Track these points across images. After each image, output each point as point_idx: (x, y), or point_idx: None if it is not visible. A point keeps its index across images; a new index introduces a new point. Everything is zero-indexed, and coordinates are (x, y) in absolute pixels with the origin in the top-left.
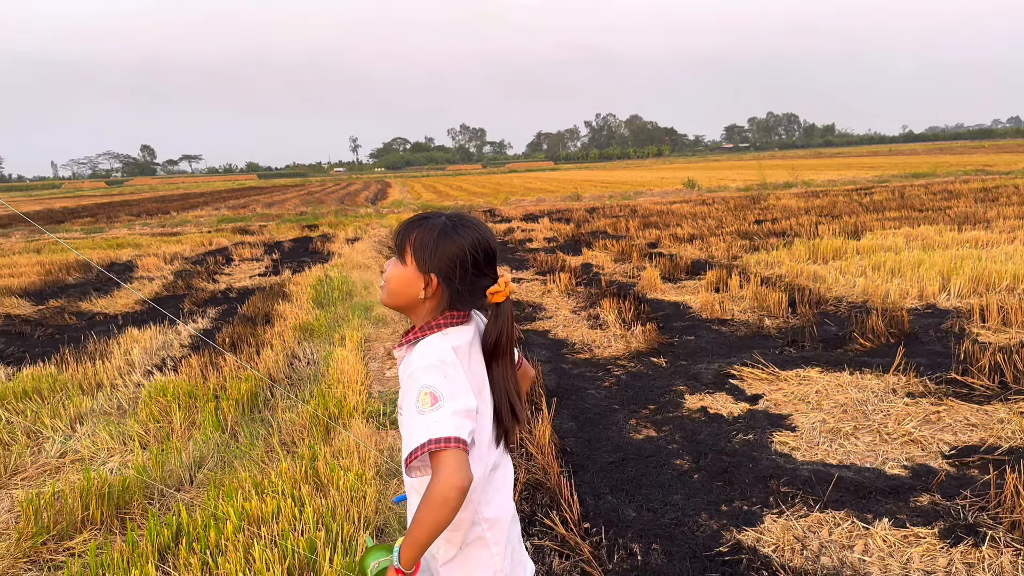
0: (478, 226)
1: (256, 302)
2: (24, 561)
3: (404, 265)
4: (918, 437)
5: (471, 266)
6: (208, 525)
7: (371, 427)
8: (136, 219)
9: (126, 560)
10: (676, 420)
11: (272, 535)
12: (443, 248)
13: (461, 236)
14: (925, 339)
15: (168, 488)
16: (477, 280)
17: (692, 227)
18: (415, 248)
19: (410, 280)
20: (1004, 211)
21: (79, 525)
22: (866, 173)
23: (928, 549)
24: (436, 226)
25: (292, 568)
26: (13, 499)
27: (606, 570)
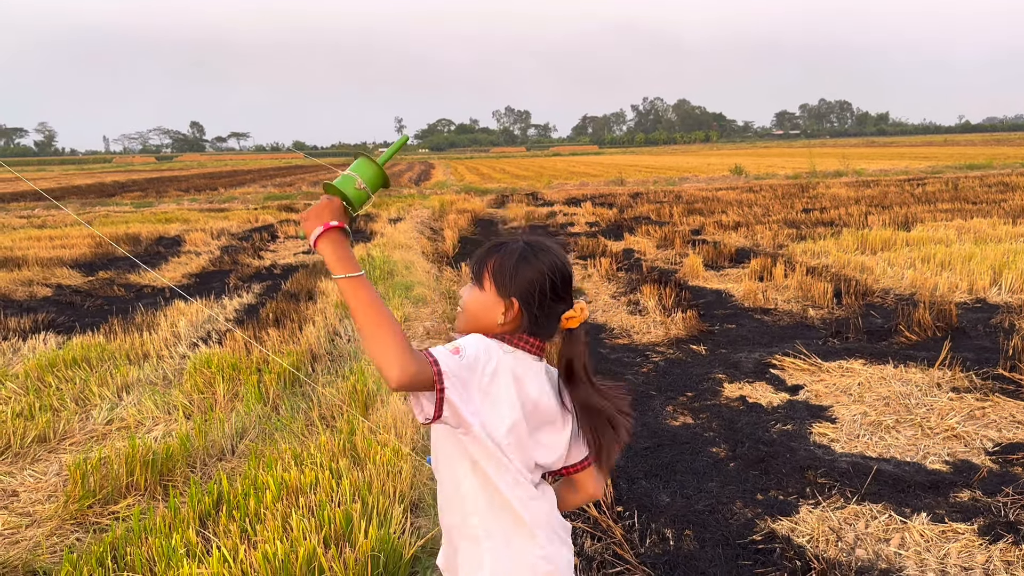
0: (555, 251)
1: (299, 279)
2: (71, 523)
3: (483, 290)
4: (961, 433)
5: (549, 291)
6: (248, 494)
7: (409, 405)
8: (184, 194)
9: (168, 525)
10: (714, 408)
11: (309, 505)
12: (523, 272)
13: (540, 261)
14: (973, 334)
15: (210, 457)
16: (554, 305)
17: (737, 214)
18: (494, 273)
19: (489, 305)
20: None
21: (123, 490)
22: (919, 163)
23: (966, 545)
24: (515, 251)
25: (328, 538)
26: (62, 463)
27: (637, 553)
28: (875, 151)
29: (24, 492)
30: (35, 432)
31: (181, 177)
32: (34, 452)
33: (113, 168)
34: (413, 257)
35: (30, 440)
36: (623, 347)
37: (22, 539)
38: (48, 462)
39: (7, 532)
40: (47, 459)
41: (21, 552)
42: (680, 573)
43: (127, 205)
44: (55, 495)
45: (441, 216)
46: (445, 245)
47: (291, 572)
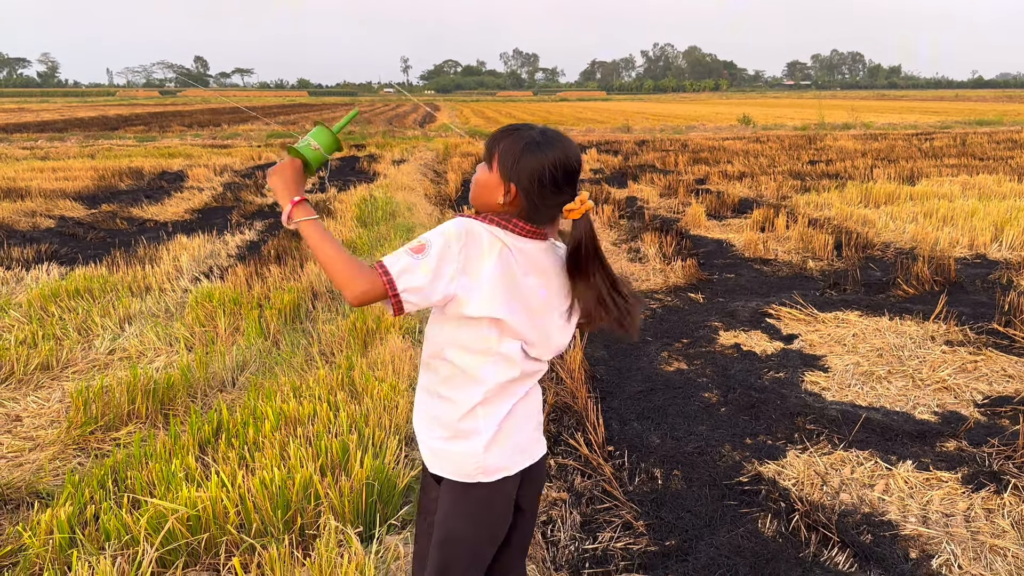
0: (565, 144)
1: None
2: (73, 448)
3: (490, 171)
4: (952, 385)
5: (549, 182)
6: (247, 423)
7: (407, 342)
8: (188, 130)
9: (168, 451)
10: (708, 355)
11: (307, 435)
12: (525, 161)
13: (544, 153)
14: (970, 289)
15: (211, 388)
16: (554, 196)
17: (743, 165)
18: (501, 156)
19: (492, 186)
20: None
21: (125, 418)
22: (929, 118)
23: (949, 493)
24: (523, 138)
25: (324, 466)
26: (64, 390)
27: (626, 491)
28: (885, 104)
29: (27, 417)
30: (38, 360)
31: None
32: (37, 379)
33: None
34: (415, 199)
35: (33, 367)
36: None
37: (25, 462)
38: (51, 389)
39: (10, 455)
40: (50, 386)
41: (24, 474)
42: (667, 511)
43: (130, 139)
44: (58, 421)
45: (445, 159)
46: (448, 188)
47: (288, 498)
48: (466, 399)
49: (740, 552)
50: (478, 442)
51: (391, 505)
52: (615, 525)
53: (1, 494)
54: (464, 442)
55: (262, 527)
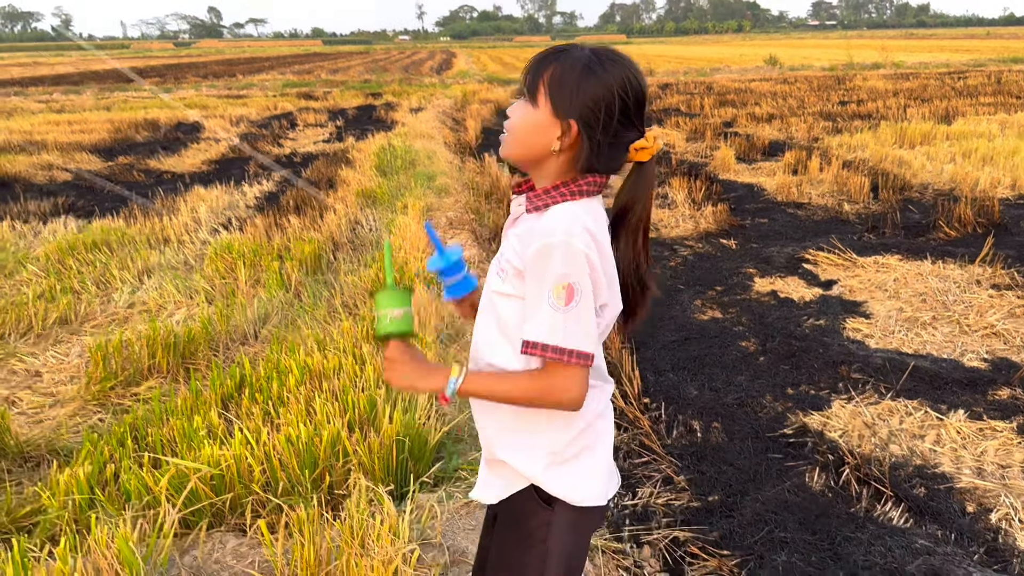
0: (629, 63)
1: (320, 167)
2: (93, 404)
3: (535, 107)
4: (1001, 330)
5: (618, 113)
6: (271, 377)
7: (431, 293)
8: (203, 80)
9: (190, 407)
10: (743, 303)
11: (333, 390)
12: (587, 88)
13: (610, 74)
14: (1016, 230)
15: (232, 342)
16: (622, 132)
17: (771, 106)
18: (552, 86)
19: (544, 126)
20: None
21: (145, 372)
22: (961, 56)
23: (1004, 443)
24: (580, 60)
25: (352, 422)
26: (83, 345)
27: (664, 444)
28: (914, 43)
29: (47, 373)
30: (56, 314)
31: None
32: (56, 334)
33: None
34: (435, 147)
35: (52, 322)
36: (651, 240)
37: (45, 419)
38: (70, 343)
39: (30, 412)
40: (69, 340)
41: (44, 431)
42: (708, 464)
43: (146, 91)
44: (77, 376)
45: (463, 106)
46: (468, 135)
47: (315, 455)
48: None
49: (788, 507)
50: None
51: (423, 462)
52: (655, 480)
53: (21, 451)
54: (591, 456)
55: (289, 486)
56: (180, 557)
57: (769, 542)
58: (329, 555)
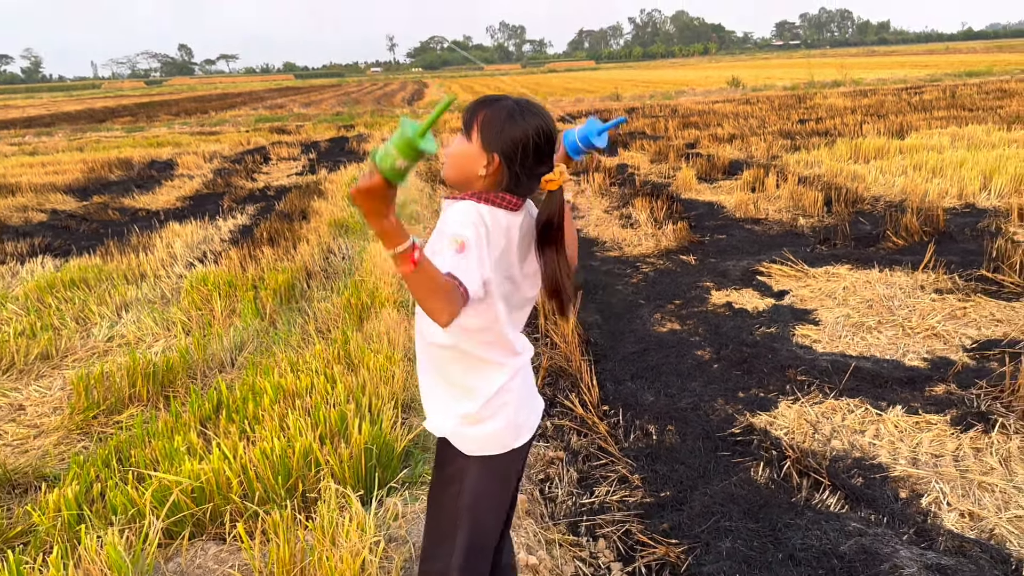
0: (543, 113)
1: (293, 199)
2: (77, 433)
3: (469, 141)
4: (941, 331)
5: (532, 152)
6: (247, 398)
7: (402, 315)
8: (175, 118)
9: (170, 429)
10: (700, 314)
11: (305, 407)
12: (509, 130)
13: (527, 121)
14: (959, 238)
15: (210, 369)
16: (536, 167)
17: (733, 127)
18: (482, 126)
19: (473, 156)
20: None
21: (127, 401)
22: (918, 72)
23: (938, 435)
24: (506, 108)
25: (324, 435)
26: (65, 378)
27: (621, 448)
28: (875, 60)
29: (30, 406)
30: (38, 350)
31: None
32: (38, 368)
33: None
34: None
35: (33, 357)
36: (614, 259)
37: (30, 449)
38: (52, 378)
39: (16, 443)
40: (51, 375)
41: (30, 460)
42: (661, 464)
43: (118, 130)
44: (60, 408)
45: (435, 135)
46: (439, 163)
47: (288, 466)
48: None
49: (734, 499)
50: (506, 416)
51: (390, 469)
52: (611, 480)
53: (8, 479)
54: (494, 421)
55: (265, 495)
56: (165, 563)
57: (715, 531)
58: (303, 553)
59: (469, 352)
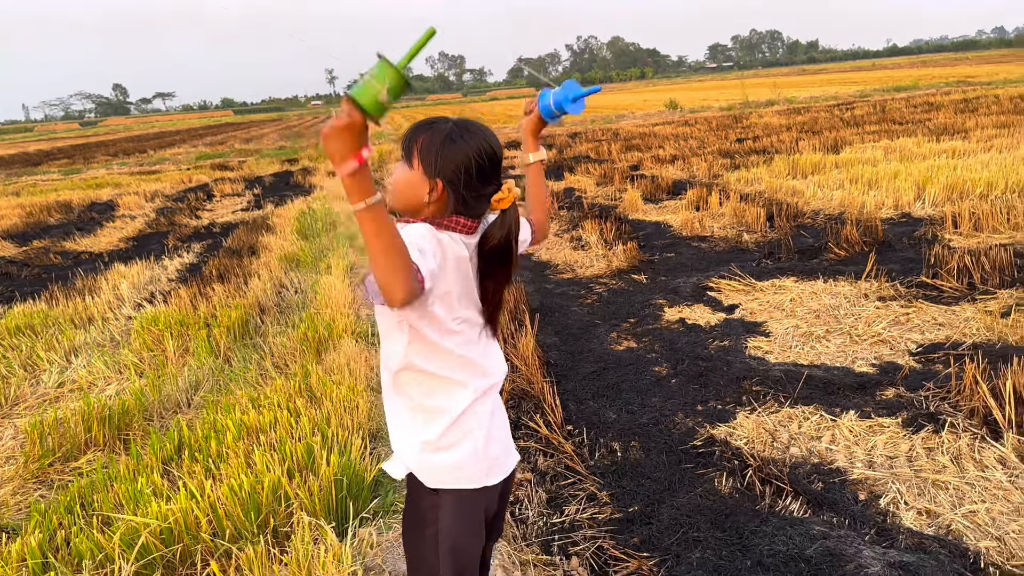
0: (484, 133)
1: (240, 235)
2: (33, 482)
3: (411, 168)
4: (887, 337)
5: (475, 173)
6: (209, 436)
7: (361, 346)
8: (113, 159)
9: (132, 472)
10: (655, 331)
11: (271, 442)
12: (448, 154)
13: (466, 143)
14: (898, 246)
15: (167, 411)
16: (482, 187)
17: (674, 148)
18: (421, 151)
19: (415, 184)
20: (982, 121)
21: (83, 447)
22: (848, 88)
23: (891, 437)
24: (442, 131)
25: (292, 469)
26: (16, 427)
27: (587, 466)
28: (806, 79)
29: None
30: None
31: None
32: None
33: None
34: None
35: None
36: (568, 281)
37: None
38: (2, 427)
39: None
40: (1, 424)
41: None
42: (628, 480)
43: (55, 173)
44: (14, 457)
45: (382, 165)
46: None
47: (258, 502)
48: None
49: (700, 510)
50: (473, 444)
51: (361, 499)
52: (580, 498)
53: None
54: (459, 449)
55: (236, 532)
56: None
57: (684, 542)
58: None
59: (430, 372)
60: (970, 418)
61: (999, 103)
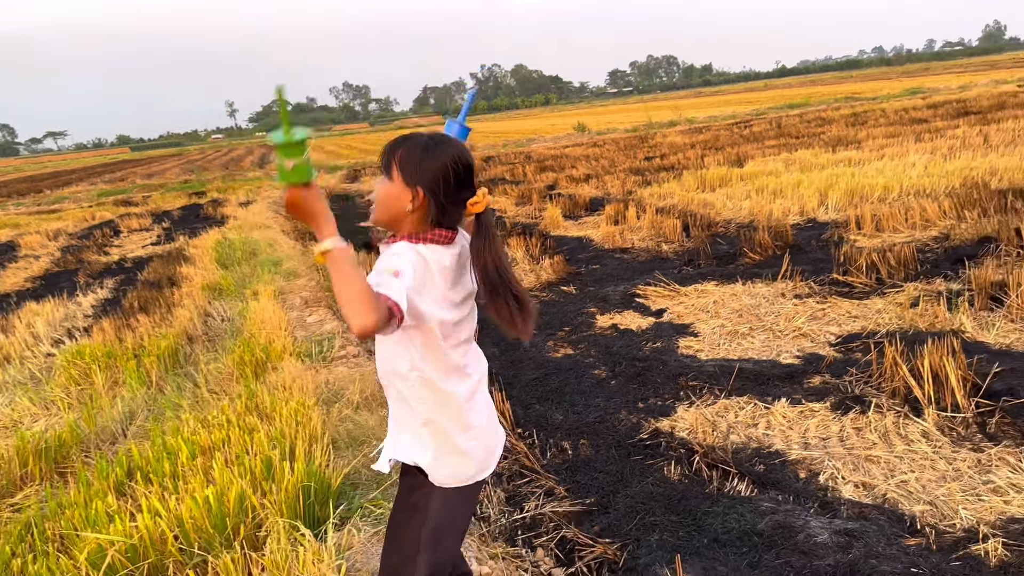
0: (457, 143)
1: (157, 267)
2: None
3: (391, 181)
4: (807, 331)
5: (453, 179)
6: (161, 458)
7: (307, 364)
8: (7, 200)
9: (84, 498)
10: (590, 338)
11: (228, 459)
12: (427, 163)
13: (443, 152)
14: (808, 248)
15: (103, 442)
16: (459, 193)
17: (587, 168)
18: (401, 164)
19: (397, 194)
20: (873, 132)
21: (19, 482)
22: (744, 108)
23: (822, 420)
24: (419, 143)
25: (255, 480)
26: None
27: (542, 464)
28: (703, 100)
29: None
30: None
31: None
32: None
33: None
34: (274, 235)
35: None
36: None
37: None
38: None
39: None
40: None
41: None
42: (581, 475)
43: None
44: None
45: None
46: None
47: (225, 512)
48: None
49: (653, 497)
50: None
51: (329, 506)
52: (538, 494)
53: None
54: (467, 454)
55: (206, 543)
56: None
57: (642, 527)
58: None
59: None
60: (892, 398)
61: (886, 116)
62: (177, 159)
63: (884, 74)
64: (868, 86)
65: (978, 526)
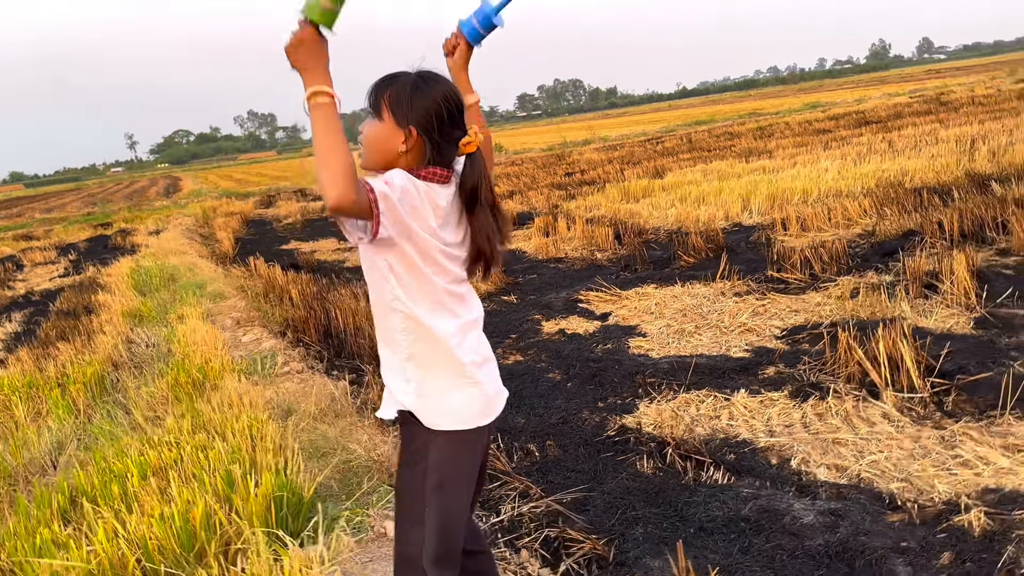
0: (445, 81)
1: (70, 297)
2: None
3: (381, 121)
4: (752, 326)
5: (447, 117)
6: (108, 481)
7: (252, 380)
8: None
9: (26, 529)
10: (539, 343)
11: (185, 476)
12: (419, 101)
13: (433, 90)
14: (739, 250)
15: (32, 475)
16: (451, 131)
17: (509, 185)
18: (392, 103)
19: (388, 135)
20: (781, 143)
21: None
22: (654, 126)
23: (783, 408)
24: (409, 81)
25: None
26: None
27: (511, 467)
28: (612, 121)
29: None
30: None
31: None
32: None
33: None
34: (193, 260)
35: None
36: None
37: None
38: None
39: None
40: None
41: None
42: (553, 475)
43: None
44: None
45: (207, 222)
46: (223, 246)
47: (191, 529)
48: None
49: (630, 492)
50: (477, 389)
51: (301, 518)
52: (512, 496)
53: None
54: (464, 391)
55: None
56: None
57: (625, 521)
58: None
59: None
60: (848, 383)
61: (791, 128)
62: (76, 193)
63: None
64: (768, 103)
65: (957, 499)
